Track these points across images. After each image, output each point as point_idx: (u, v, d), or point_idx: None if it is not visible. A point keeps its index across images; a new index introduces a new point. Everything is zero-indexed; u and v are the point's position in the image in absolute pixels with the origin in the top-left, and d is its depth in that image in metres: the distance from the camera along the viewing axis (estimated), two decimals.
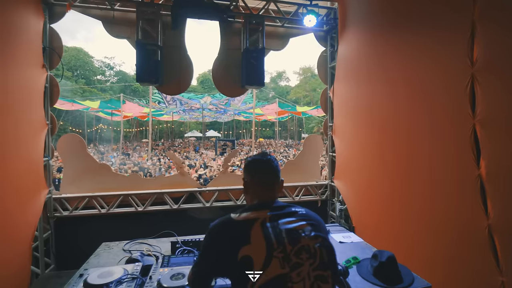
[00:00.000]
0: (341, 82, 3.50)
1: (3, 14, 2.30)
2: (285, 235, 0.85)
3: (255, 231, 0.85)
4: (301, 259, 0.82)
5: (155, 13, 3.10)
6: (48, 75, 2.98)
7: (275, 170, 1.09)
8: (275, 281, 0.78)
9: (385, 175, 2.74)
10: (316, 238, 0.88)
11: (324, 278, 0.82)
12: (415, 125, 2.30)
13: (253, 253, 0.81)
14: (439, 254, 2.11)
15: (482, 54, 1.73)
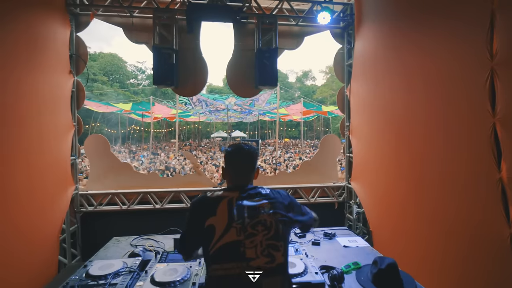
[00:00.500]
0: (357, 80, 3.37)
1: (32, 26, 2.53)
2: (246, 211, 1.02)
3: (222, 206, 1.04)
4: (257, 230, 0.97)
5: (171, 18, 3.22)
6: (74, 80, 3.22)
7: (250, 161, 1.25)
8: (230, 245, 0.95)
9: (402, 177, 2.59)
10: (275, 215, 1.04)
11: (276, 246, 0.98)
12: (431, 124, 2.15)
13: (216, 223, 1.00)
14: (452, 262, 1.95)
15: (502, 46, 1.58)
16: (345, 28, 3.64)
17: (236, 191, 1.12)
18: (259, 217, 1.01)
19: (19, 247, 2.29)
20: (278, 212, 1.06)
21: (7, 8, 2.28)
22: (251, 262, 0.92)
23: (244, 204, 1.04)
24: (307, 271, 1.31)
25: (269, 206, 1.05)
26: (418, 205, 2.38)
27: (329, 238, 1.96)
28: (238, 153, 1.25)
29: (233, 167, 1.24)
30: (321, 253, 1.73)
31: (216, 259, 0.96)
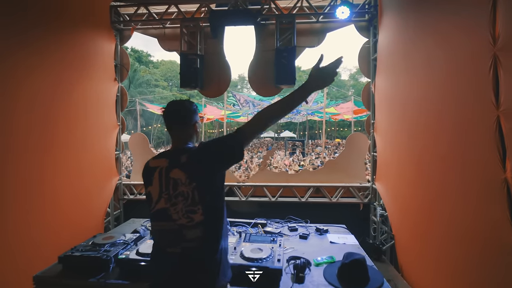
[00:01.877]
0: (381, 75, 3.19)
1: (84, 43, 3.09)
2: (171, 183, 1.16)
3: (155, 177, 1.19)
4: (178, 200, 1.14)
5: (196, 26, 3.53)
6: (119, 86, 3.78)
7: (179, 118, 1.29)
8: (162, 210, 1.16)
9: (421, 178, 2.39)
10: (191, 184, 1.14)
11: (193, 211, 1.13)
12: (444, 121, 1.97)
13: (152, 192, 1.19)
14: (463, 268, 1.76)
15: (505, 28, 1.39)
16: (371, 21, 3.46)
17: (166, 159, 1.22)
18: (179, 189, 1.15)
19: (70, 226, 2.83)
20: (193, 182, 1.14)
21: (65, 30, 2.84)
22: (176, 221, 1.13)
23: (170, 176, 1.17)
24: (269, 258, 1.38)
25: (186, 177, 1.15)
26: (434, 208, 2.18)
27: (319, 233, 1.95)
28: (167, 112, 1.29)
29: (167, 127, 1.30)
30: (303, 246, 1.76)
31: (154, 218, 1.20)
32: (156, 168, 1.21)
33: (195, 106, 1.34)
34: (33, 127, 2.50)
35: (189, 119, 1.29)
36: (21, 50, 2.37)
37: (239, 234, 1.72)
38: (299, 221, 2.19)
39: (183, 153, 1.20)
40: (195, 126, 1.31)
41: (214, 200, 1.18)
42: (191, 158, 1.18)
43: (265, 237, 1.65)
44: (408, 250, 2.73)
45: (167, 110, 1.30)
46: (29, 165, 2.42)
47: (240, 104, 17.61)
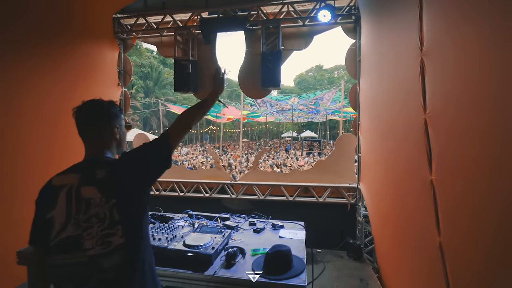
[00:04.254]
0: (364, 77, 3.22)
1: (90, 52, 3.47)
2: (83, 204, 0.99)
3: (61, 198, 1.00)
4: (92, 223, 0.97)
5: (189, 33, 3.77)
6: (122, 90, 4.14)
7: (94, 120, 1.12)
8: (69, 239, 0.97)
9: (386, 179, 2.43)
10: (108, 202, 0.99)
11: (110, 234, 0.97)
12: (393, 122, 2.01)
13: (56, 216, 0.99)
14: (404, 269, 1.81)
15: (428, 35, 1.45)
16: (357, 22, 3.49)
17: (77, 174, 1.04)
18: (92, 210, 0.98)
19: None
20: (112, 201, 0.99)
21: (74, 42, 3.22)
22: (88, 250, 0.95)
23: (81, 196, 0.99)
24: (206, 246, 1.55)
25: (103, 197, 0.99)
26: (397, 210, 2.22)
27: (274, 228, 2.08)
28: (78, 111, 1.11)
29: (79, 132, 1.12)
30: (252, 239, 1.90)
31: (55, 251, 0.98)
32: (63, 186, 1.01)
33: (116, 108, 1.18)
34: (42, 130, 2.87)
35: (106, 122, 1.12)
36: (33, 60, 2.74)
37: (192, 226, 1.91)
38: (262, 217, 2.34)
39: (99, 167, 1.03)
40: (113, 131, 1.14)
41: (137, 217, 1.04)
42: (110, 172, 1.02)
43: (215, 228, 1.82)
44: (384, 252, 2.76)
45: (78, 110, 1.11)
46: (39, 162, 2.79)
47: (257, 104, 17.86)
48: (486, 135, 1.06)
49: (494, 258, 1.05)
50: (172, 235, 1.70)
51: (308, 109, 20.21)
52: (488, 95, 1.05)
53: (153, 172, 1.09)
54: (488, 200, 1.08)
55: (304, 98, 17.18)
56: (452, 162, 1.33)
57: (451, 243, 1.36)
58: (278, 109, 20.23)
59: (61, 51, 3.03)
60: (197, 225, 1.90)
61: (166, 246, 1.57)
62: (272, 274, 1.40)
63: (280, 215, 2.78)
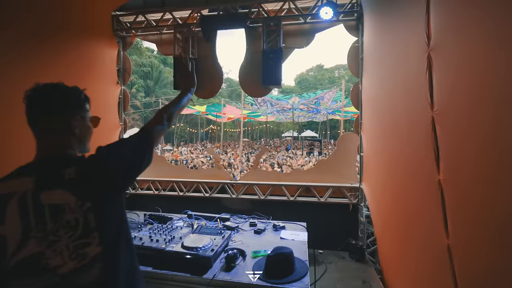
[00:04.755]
0: (366, 75, 3.17)
1: (89, 51, 3.41)
2: (47, 212, 0.80)
3: (11, 209, 0.79)
4: (59, 236, 0.79)
5: (189, 31, 3.72)
6: (121, 89, 4.09)
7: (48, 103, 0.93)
8: (30, 259, 0.78)
9: (389, 179, 2.38)
10: (82, 206, 0.82)
11: (85, 243, 0.82)
12: (397, 120, 1.96)
13: (8, 234, 0.78)
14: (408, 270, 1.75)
15: (436, 29, 1.39)
16: (359, 19, 3.43)
17: (30, 177, 0.84)
18: (63, 218, 0.81)
19: None
20: (87, 204, 0.83)
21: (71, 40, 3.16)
22: (59, 270, 0.78)
23: (42, 203, 0.81)
24: (205, 248, 1.50)
25: (75, 200, 0.82)
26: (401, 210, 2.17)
27: (275, 229, 2.03)
28: (30, 97, 0.93)
29: (29, 123, 0.93)
30: (253, 240, 1.85)
31: (14, 276, 0.78)
32: (11, 195, 0.81)
33: (80, 95, 1.01)
34: None
35: (62, 111, 0.94)
36: (28, 59, 2.68)
37: (191, 227, 1.86)
38: (262, 217, 2.29)
39: (65, 165, 0.87)
40: (71, 124, 0.95)
41: (116, 220, 0.91)
42: (82, 171, 0.86)
43: (214, 229, 1.77)
44: (387, 253, 2.71)
45: (29, 94, 0.93)
46: None
47: (258, 104, 17.81)
48: (498, 133, 1.01)
49: (505, 259, 1.00)
50: (171, 236, 1.65)
51: (308, 109, 20.15)
52: (499, 91, 1.00)
53: (133, 170, 0.97)
54: (498, 200, 1.03)
55: (305, 98, 17.12)
56: (461, 161, 1.27)
57: (460, 245, 1.31)
58: (278, 109, 20.18)
59: (57, 49, 2.98)
60: (196, 226, 1.85)
61: (164, 248, 1.52)
62: (273, 278, 1.35)
63: (281, 215, 2.73)
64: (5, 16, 2.39)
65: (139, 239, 1.62)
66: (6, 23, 2.40)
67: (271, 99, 17.06)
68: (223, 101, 18.65)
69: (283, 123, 33.31)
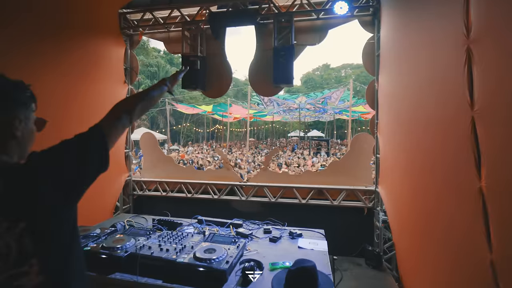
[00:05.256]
0: (384, 73, 3.01)
1: (96, 49, 3.33)
2: None
3: None
4: None
5: (197, 28, 3.61)
6: (129, 88, 4.00)
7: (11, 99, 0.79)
8: None
9: (412, 183, 2.22)
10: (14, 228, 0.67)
11: (22, 273, 0.68)
12: (425, 121, 1.81)
13: None
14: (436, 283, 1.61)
15: (478, 17, 1.24)
16: (375, 15, 3.27)
17: None
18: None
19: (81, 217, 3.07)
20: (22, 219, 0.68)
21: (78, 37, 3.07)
22: None
23: None
24: (218, 260, 1.38)
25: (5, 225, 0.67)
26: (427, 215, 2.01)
27: (291, 237, 1.90)
28: None
29: None
30: (269, 249, 1.73)
31: None
32: None
33: (25, 93, 0.84)
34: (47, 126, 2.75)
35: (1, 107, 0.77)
36: (33, 57, 2.61)
37: (202, 234, 1.75)
38: (277, 223, 2.16)
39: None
40: (11, 124, 0.78)
41: (62, 241, 0.75)
42: (12, 183, 0.70)
43: (228, 238, 1.65)
44: (407, 260, 2.55)
45: None
46: None
47: (264, 103, 17.63)
48: None
49: None
50: (181, 246, 1.53)
51: (315, 108, 19.91)
52: None
53: (82, 178, 0.80)
54: None
55: (312, 97, 16.88)
56: (509, 168, 1.13)
57: (507, 261, 1.16)
58: (285, 108, 19.98)
59: (62, 47, 2.89)
60: (208, 233, 1.73)
61: (174, 259, 1.41)
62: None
63: (294, 218, 2.59)
64: (6, 15, 2.31)
65: (148, 248, 1.51)
66: (7, 22, 2.32)
67: (277, 98, 16.85)
68: (229, 101, 18.53)
69: (289, 122, 33.09)
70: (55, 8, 2.75)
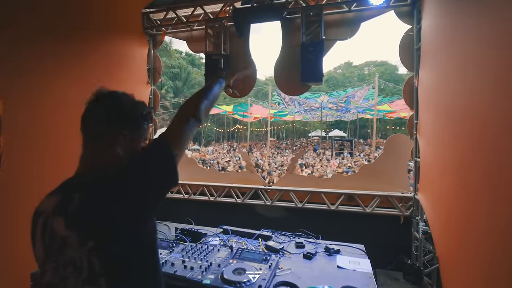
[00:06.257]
0: (425, 68, 2.71)
1: (118, 49, 3.30)
2: (57, 244, 0.70)
3: (38, 232, 0.73)
4: (67, 272, 0.69)
5: (221, 26, 3.48)
6: (152, 88, 3.96)
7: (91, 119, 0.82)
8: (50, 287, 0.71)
9: (465, 191, 1.93)
10: (82, 246, 0.69)
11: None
12: (484, 122, 1.53)
13: (37, 255, 0.75)
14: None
15: None
16: (414, 4, 2.96)
17: (56, 197, 0.75)
18: (67, 252, 0.69)
19: None
20: (90, 241, 0.69)
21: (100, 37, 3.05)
22: None
23: (54, 229, 0.71)
24: (250, 283, 1.21)
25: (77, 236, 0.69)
26: (481, 227, 1.73)
27: (328, 254, 1.69)
28: (87, 109, 0.84)
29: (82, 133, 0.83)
30: (303, 268, 1.53)
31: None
32: (39, 214, 0.75)
33: (142, 111, 0.87)
34: (69, 126, 2.70)
35: (104, 126, 0.81)
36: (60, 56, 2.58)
37: (230, 248, 1.59)
38: (310, 236, 1.95)
39: (77, 189, 0.74)
40: (119, 138, 0.82)
41: (130, 264, 0.74)
42: (85, 201, 0.72)
43: (258, 254, 1.48)
44: (454, 276, 2.26)
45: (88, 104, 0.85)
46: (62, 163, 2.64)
47: (285, 103, 17.38)
48: None
49: None
50: (207, 263, 1.38)
51: (338, 107, 19.35)
52: None
53: (153, 196, 0.78)
54: None
55: (335, 96, 16.40)
56: None
57: None
58: (306, 108, 19.59)
59: (87, 46, 2.85)
60: (235, 248, 1.57)
61: (200, 279, 1.26)
62: None
63: (322, 226, 2.37)
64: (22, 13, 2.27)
65: (170, 265, 1.37)
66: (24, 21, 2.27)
67: (298, 98, 16.48)
68: (249, 101, 18.46)
69: (309, 122, 32.49)
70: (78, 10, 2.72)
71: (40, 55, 2.41)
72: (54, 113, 2.55)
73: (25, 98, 2.31)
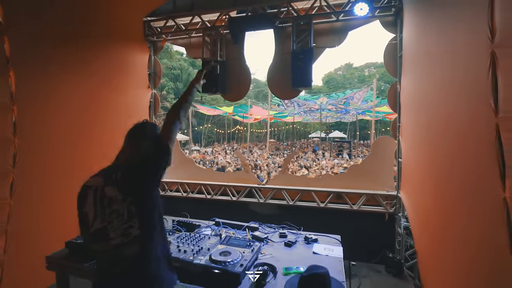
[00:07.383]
0: (406, 75, 2.92)
1: (120, 56, 3.52)
2: (106, 202, 1.15)
3: (89, 197, 1.18)
4: (112, 218, 1.14)
5: (217, 34, 3.70)
6: (152, 92, 4.18)
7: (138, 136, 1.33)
8: (99, 231, 1.15)
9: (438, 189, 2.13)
10: (124, 201, 1.15)
11: (130, 227, 1.14)
12: (448, 125, 1.74)
13: (88, 211, 1.17)
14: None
15: (503, 21, 1.19)
16: (397, 14, 3.17)
17: (102, 177, 1.20)
18: (113, 206, 1.14)
19: None
20: (128, 198, 1.15)
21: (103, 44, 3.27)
22: (112, 241, 1.13)
23: (104, 193, 1.16)
24: (233, 263, 1.42)
25: (120, 195, 1.14)
26: (449, 223, 1.93)
27: (307, 242, 1.89)
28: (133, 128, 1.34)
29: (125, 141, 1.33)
30: (283, 254, 1.73)
31: (92, 240, 1.18)
32: (89, 188, 1.19)
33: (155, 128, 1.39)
34: (72, 129, 2.90)
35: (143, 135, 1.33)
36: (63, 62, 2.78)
37: (219, 236, 1.79)
38: (293, 227, 2.16)
39: (117, 170, 1.21)
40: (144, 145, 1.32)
41: (150, 211, 1.20)
42: (124, 176, 1.19)
43: (243, 241, 1.68)
44: (429, 268, 2.46)
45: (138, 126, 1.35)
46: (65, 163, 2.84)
47: (284, 104, 17.57)
48: None
49: None
50: (198, 247, 1.59)
51: (337, 109, 19.51)
52: None
53: (158, 174, 1.26)
54: None
55: (334, 98, 16.56)
56: None
57: None
58: (305, 109, 19.76)
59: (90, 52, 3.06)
60: (224, 236, 1.78)
61: (191, 260, 1.46)
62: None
63: (311, 222, 2.56)
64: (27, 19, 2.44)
65: None
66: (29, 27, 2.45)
67: (298, 99, 16.68)
68: (249, 102, 18.66)
69: (310, 123, 32.63)
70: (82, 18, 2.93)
71: (44, 62, 2.61)
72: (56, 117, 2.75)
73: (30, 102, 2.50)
